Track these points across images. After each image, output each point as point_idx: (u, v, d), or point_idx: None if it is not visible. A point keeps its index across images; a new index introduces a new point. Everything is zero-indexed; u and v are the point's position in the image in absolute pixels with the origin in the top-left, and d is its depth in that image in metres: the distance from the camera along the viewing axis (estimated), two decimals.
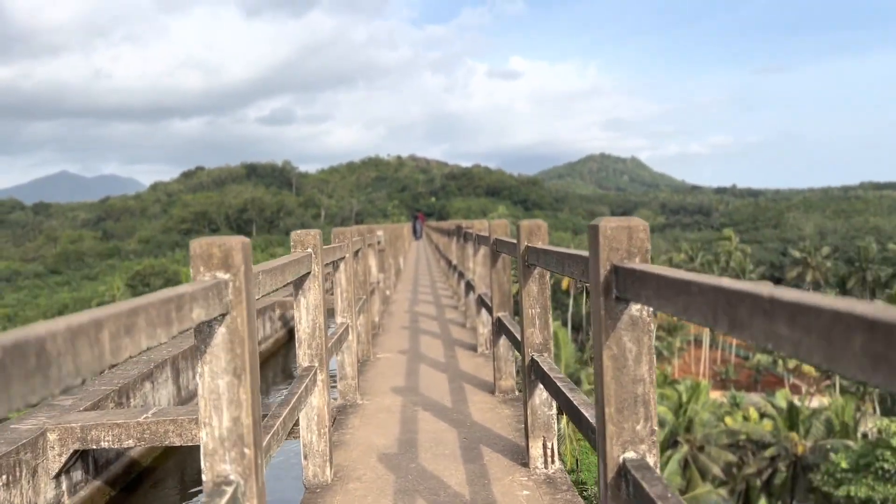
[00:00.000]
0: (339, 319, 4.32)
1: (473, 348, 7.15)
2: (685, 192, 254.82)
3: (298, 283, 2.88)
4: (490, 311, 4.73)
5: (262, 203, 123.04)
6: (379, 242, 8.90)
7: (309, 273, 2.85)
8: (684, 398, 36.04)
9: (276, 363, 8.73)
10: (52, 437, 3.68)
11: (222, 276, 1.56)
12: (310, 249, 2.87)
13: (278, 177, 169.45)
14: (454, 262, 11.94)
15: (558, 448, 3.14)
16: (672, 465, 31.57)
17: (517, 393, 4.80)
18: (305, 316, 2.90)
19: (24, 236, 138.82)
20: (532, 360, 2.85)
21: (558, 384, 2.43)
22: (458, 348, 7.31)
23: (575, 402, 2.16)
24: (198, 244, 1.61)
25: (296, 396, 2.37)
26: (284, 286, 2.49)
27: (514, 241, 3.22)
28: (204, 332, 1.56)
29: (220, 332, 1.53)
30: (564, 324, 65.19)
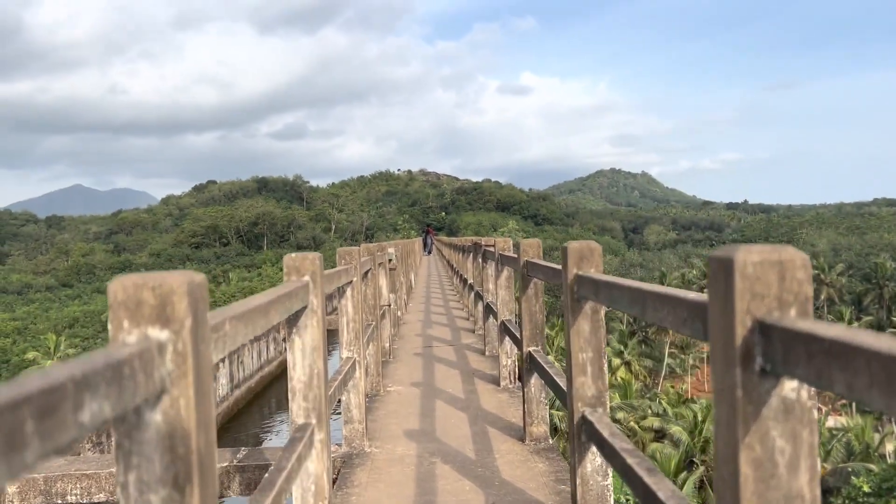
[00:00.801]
0: (344, 353, 3.74)
1: (495, 381, 6.50)
2: (696, 207, 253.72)
3: (292, 320, 2.33)
4: (518, 343, 4.17)
5: (273, 217, 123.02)
6: (390, 260, 8.33)
7: (305, 307, 2.31)
8: (699, 417, 35.27)
9: (280, 385, 8.32)
10: (10, 490, 3.15)
11: (156, 334, 1.04)
12: (307, 278, 2.34)
13: (289, 191, 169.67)
14: (470, 280, 11.37)
15: None
16: (688, 487, 30.77)
17: (550, 441, 4.17)
18: (301, 361, 2.32)
19: (36, 249, 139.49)
20: (583, 417, 2.26)
21: (626, 459, 1.85)
22: (479, 381, 6.69)
23: (660, 496, 1.58)
24: (120, 285, 1.08)
25: (283, 475, 1.79)
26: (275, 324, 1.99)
27: (557, 266, 2.63)
28: (128, 421, 1.02)
29: (153, 422, 1.00)
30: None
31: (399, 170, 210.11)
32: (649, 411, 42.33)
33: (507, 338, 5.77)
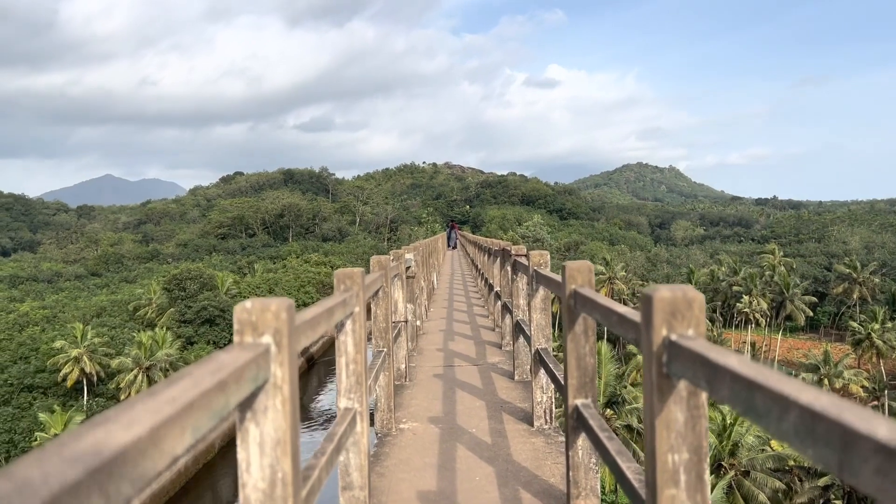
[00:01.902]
0: (342, 403, 2.92)
1: (528, 419, 5.56)
2: (725, 203, 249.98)
3: (246, 405, 1.63)
4: (560, 387, 3.39)
5: (299, 209, 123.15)
6: (408, 268, 7.52)
7: (261, 387, 1.58)
8: (728, 420, 34.31)
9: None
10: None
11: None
12: (267, 338, 1.61)
13: (315, 183, 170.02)
14: (497, 288, 10.39)
15: None
16: (717, 492, 29.86)
17: None
18: (257, 461, 1.60)
19: (67, 238, 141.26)
20: None
21: None
22: (508, 417, 5.69)
23: None
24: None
25: None
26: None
27: (630, 316, 1.85)
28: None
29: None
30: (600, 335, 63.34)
31: (424, 162, 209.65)
32: None
33: (542, 370, 4.95)
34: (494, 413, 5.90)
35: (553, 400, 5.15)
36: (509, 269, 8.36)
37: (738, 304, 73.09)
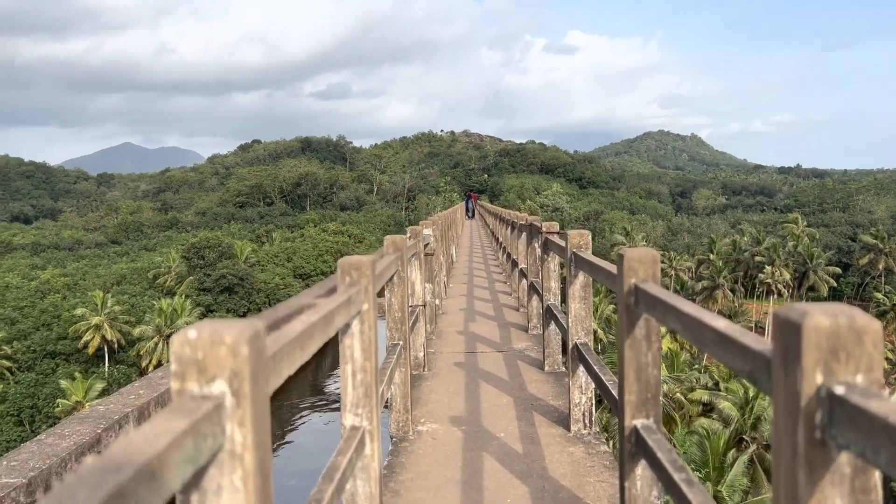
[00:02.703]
0: (347, 421, 2.43)
1: (563, 421, 4.80)
2: (747, 171, 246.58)
3: (189, 488, 1.13)
4: (614, 401, 2.85)
5: (316, 177, 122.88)
6: (426, 245, 6.89)
7: (219, 451, 1.10)
8: (751, 393, 33.86)
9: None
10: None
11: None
12: (221, 387, 1.13)
13: (332, 151, 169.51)
14: (521, 265, 9.67)
15: None
16: (738, 466, 29.55)
17: None
18: None
19: (87, 206, 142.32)
20: None
21: None
22: (540, 419, 4.92)
23: None
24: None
25: None
26: None
27: (757, 349, 1.18)
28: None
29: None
30: None
31: (442, 131, 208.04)
32: (697, 384, 40.92)
33: (581, 368, 4.32)
34: (524, 413, 5.21)
35: (593, 402, 4.55)
36: (538, 246, 7.71)
37: (760, 274, 72.11)
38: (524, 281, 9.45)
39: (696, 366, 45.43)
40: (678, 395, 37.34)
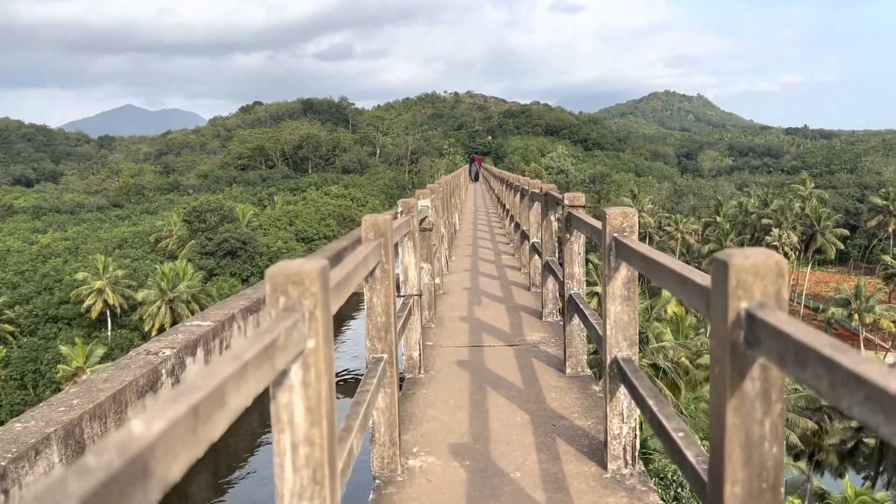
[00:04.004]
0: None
1: (595, 452, 3.85)
2: (754, 132, 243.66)
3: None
4: (710, 497, 1.83)
5: (318, 140, 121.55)
6: (423, 219, 6.13)
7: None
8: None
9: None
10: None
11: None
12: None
13: (334, 113, 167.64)
14: (533, 239, 8.68)
15: None
16: None
17: None
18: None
19: (88, 169, 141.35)
20: None
21: None
22: (567, 449, 3.89)
23: None
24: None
25: None
26: None
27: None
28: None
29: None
30: None
31: (445, 92, 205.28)
32: (704, 348, 40.62)
33: (622, 389, 3.38)
34: (545, 438, 4.10)
35: (637, 434, 3.55)
36: (554, 219, 6.94)
37: (767, 237, 71.46)
38: (536, 257, 8.56)
39: (702, 330, 45.10)
40: (683, 359, 37.04)
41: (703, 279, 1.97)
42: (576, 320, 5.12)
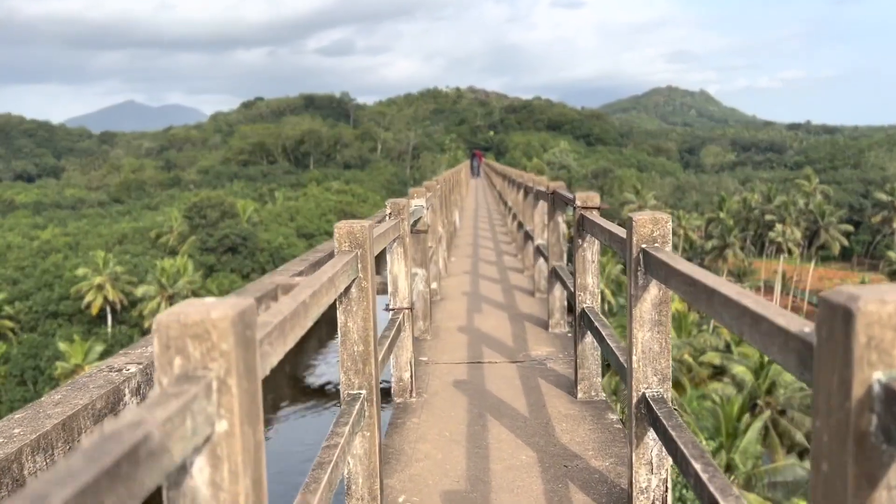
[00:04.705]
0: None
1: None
2: (756, 127, 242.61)
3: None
4: None
5: (320, 135, 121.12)
6: (418, 220, 5.61)
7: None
8: (766, 357, 33.12)
9: None
10: None
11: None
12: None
13: (336, 108, 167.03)
14: (538, 241, 8.01)
15: None
16: (752, 432, 28.96)
17: None
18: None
19: (90, 165, 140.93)
20: None
21: None
22: (582, 501, 3.30)
23: None
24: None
25: None
26: None
27: None
28: None
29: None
30: None
31: (447, 87, 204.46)
32: (707, 346, 40.19)
33: (650, 434, 2.82)
34: (556, 485, 3.46)
35: (669, 485, 2.91)
36: (562, 221, 6.36)
37: (770, 233, 71.01)
38: (541, 261, 7.91)
39: (705, 327, 44.72)
40: (687, 357, 36.67)
41: (794, 324, 1.37)
42: (589, 338, 4.58)
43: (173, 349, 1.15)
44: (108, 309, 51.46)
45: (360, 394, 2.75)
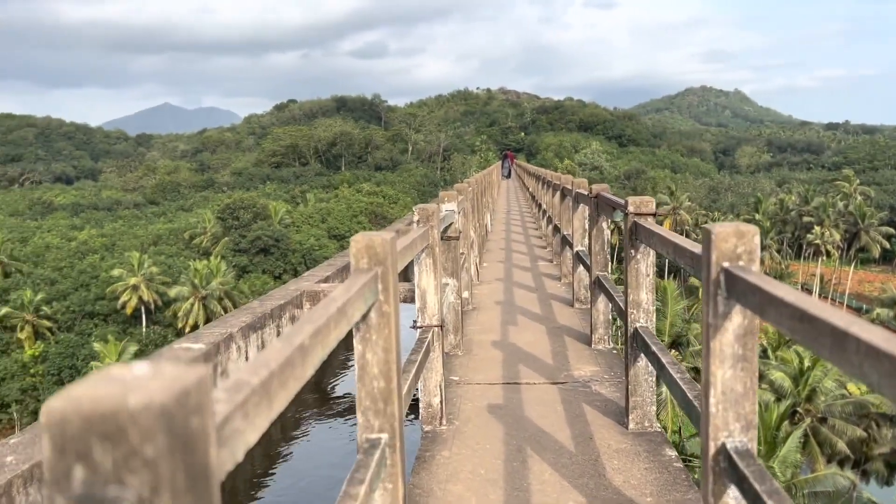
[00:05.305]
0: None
1: None
2: (793, 128, 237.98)
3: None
4: None
5: (351, 137, 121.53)
6: (447, 228, 5.15)
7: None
8: (806, 363, 32.09)
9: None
10: None
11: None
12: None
13: (367, 111, 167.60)
14: (578, 247, 7.46)
15: None
16: (792, 440, 28.04)
17: None
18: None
19: (126, 167, 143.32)
20: None
21: None
22: None
23: None
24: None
25: None
26: None
27: None
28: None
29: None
30: (661, 271, 60.86)
31: (478, 88, 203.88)
32: None
33: (733, 489, 2.23)
34: None
35: None
36: (605, 227, 5.79)
37: (808, 235, 69.32)
38: (581, 269, 7.44)
39: None
40: None
41: None
42: (642, 361, 4.06)
43: (71, 454, 0.72)
44: (143, 309, 52.05)
45: (381, 438, 2.31)
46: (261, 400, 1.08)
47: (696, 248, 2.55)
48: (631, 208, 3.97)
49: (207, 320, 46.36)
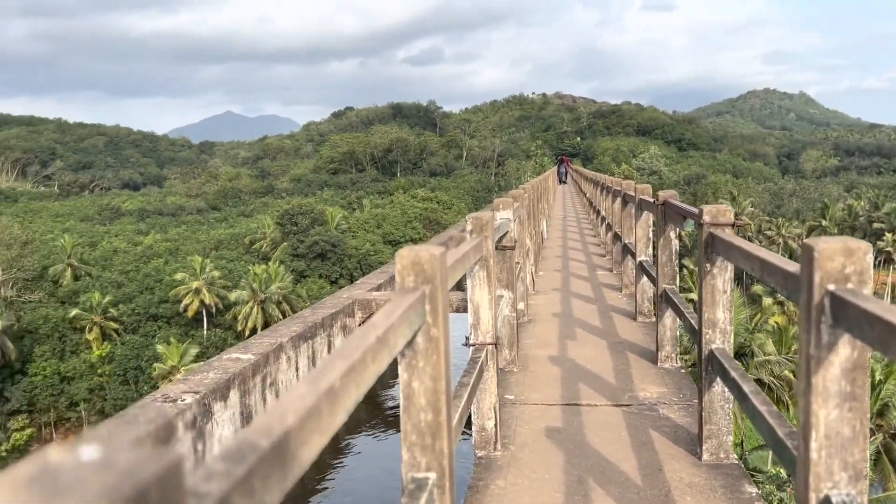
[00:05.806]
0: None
1: None
2: (861, 130, 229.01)
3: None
4: None
5: (407, 144, 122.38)
6: (502, 237, 4.89)
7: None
8: (878, 376, 30.58)
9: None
10: None
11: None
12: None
13: (423, 117, 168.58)
14: (641, 257, 7.25)
15: None
16: None
17: None
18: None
19: (189, 173, 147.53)
20: None
21: None
22: None
23: None
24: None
25: None
26: None
27: None
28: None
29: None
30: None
31: (533, 93, 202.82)
32: None
33: None
34: None
35: None
36: (673, 237, 5.53)
37: (878, 242, 66.47)
38: (644, 279, 7.10)
39: None
40: (788, 374, 34.40)
41: None
42: (718, 387, 3.71)
43: None
44: (204, 312, 53.22)
45: (429, 478, 2.05)
46: (271, 469, 0.85)
47: (792, 267, 2.22)
48: (707, 218, 3.61)
49: (266, 324, 47.13)
